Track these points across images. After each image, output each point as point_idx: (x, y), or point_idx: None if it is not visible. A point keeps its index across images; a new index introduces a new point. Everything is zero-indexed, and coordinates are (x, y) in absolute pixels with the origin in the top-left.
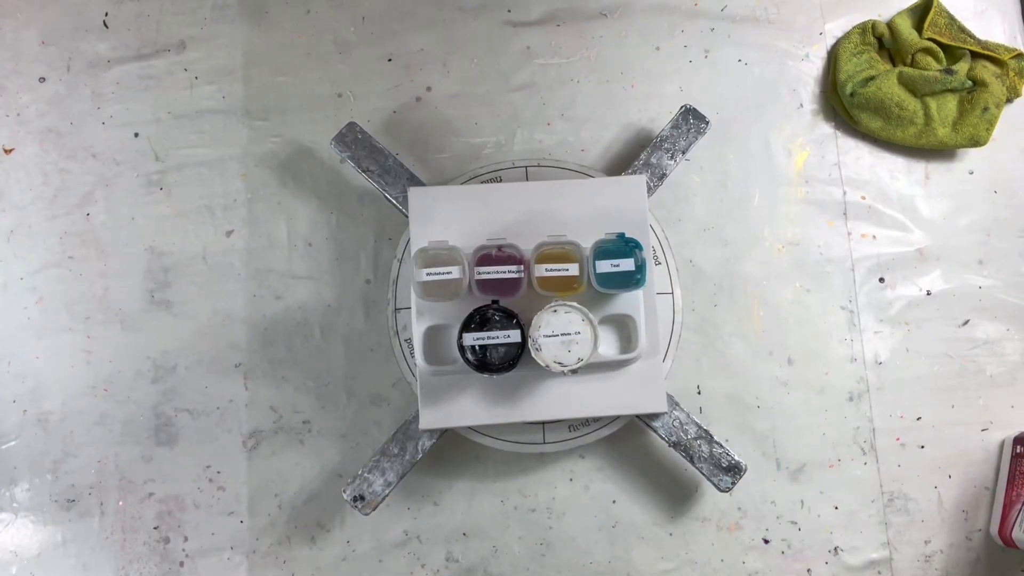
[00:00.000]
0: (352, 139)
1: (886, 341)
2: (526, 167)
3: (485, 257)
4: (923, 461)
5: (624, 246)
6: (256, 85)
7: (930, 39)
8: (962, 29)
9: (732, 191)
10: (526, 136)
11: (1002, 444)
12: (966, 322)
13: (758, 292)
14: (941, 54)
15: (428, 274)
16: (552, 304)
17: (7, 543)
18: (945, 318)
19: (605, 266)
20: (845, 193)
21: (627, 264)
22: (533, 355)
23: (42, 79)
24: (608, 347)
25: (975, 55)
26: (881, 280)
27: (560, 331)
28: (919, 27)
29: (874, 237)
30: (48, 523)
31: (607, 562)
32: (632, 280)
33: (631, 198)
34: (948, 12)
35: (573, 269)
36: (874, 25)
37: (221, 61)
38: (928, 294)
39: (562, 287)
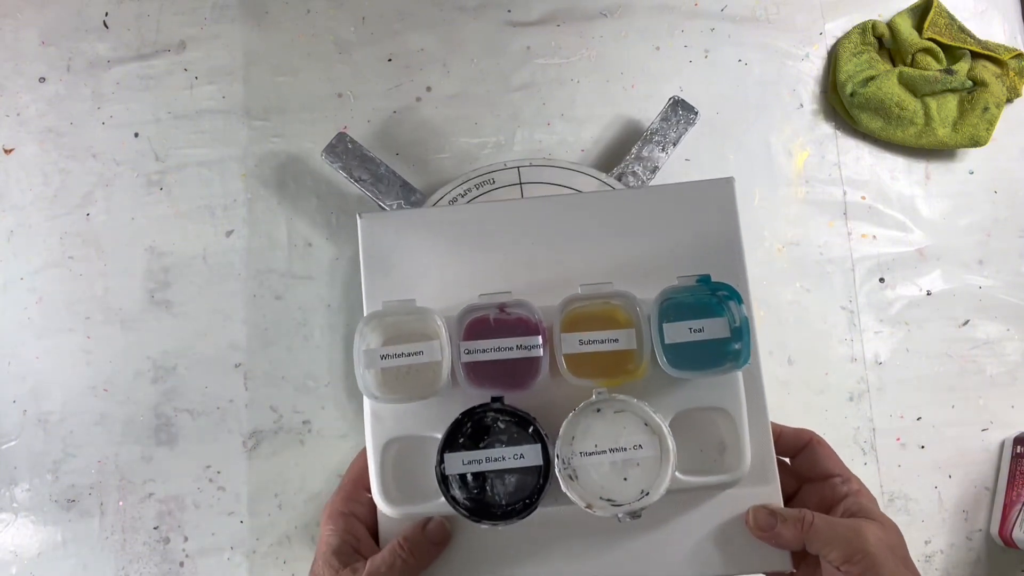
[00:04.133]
0: (343, 149)
1: (886, 341)
2: (518, 167)
3: (478, 323)
4: (923, 461)
5: (709, 297)
6: (256, 85)
7: (930, 39)
8: (962, 29)
9: None
10: (526, 136)
11: (1002, 444)
12: (966, 322)
13: (758, 292)
14: (941, 54)
15: (385, 356)
16: (594, 400)
17: (7, 543)
18: (945, 318)
19: (680, 331)
20: (845, 193)
21: (716, 327)
22: (564, 488)
23: (42, 79)
24: (685, 463)
25: (975, 55)
26: (881, 280)
27: (609, 446)
28: (919, 27)
29: (874, 237)
30: (48, 523)
31: None
32: (726, 354)
33: (712, 214)
34: (948, 12)
35: (625, 339)
36: (874, 25)
37: (221, 61)
38: (928, 294)
39: (609, 370)
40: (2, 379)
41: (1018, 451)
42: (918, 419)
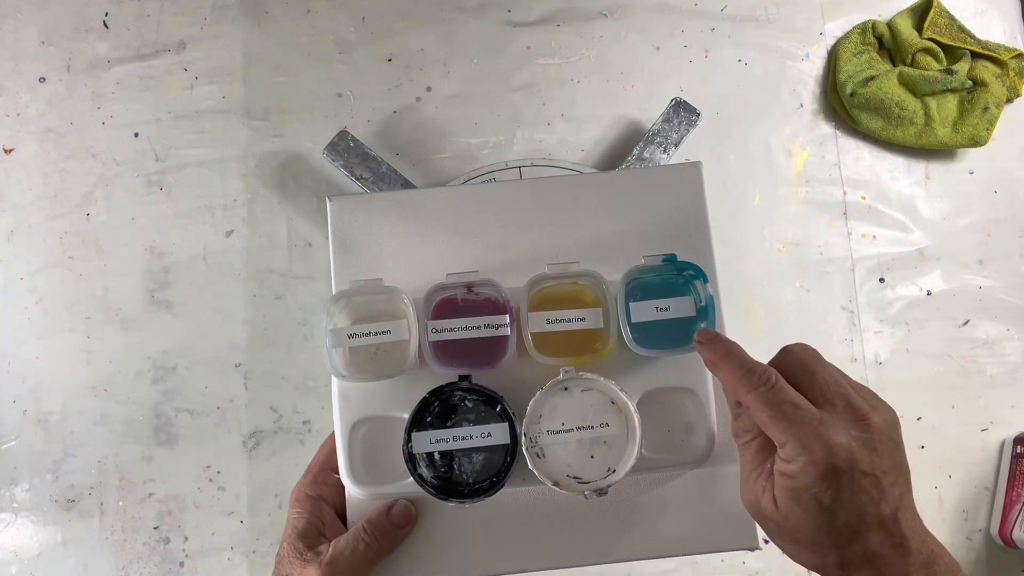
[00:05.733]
0: (344, 147)
1: (886, 341)
2: (520, 167)
3: (446, 303)
4: (923, 461)
5: (675, 276)
6: (256, 85)
7: (930, 39)
8: (962, 29)
9: (732, 191)
10: (526, 136)
11: (1002, 444)
12: (966, 322)
13: (758, 292)
14: (941, 54)
15: (352, 335)
16: (561, 378)
17: (7, 543)
18: (945, 318)
19: (646, 310)
20: (845, 193)
21: (682, 306)
22: (531, 466)
23: (42, 79)
24: (653, 443)
25: (975, 55)
26: (881, 280)
27: (576, 424)
28: (919, 27)
29: (874, 237)
30: (48, 523)
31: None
32: (692, 332)
33: (680, 198)
34: (948, 12)
35: (592, 318)
36: (874, 25)
37: (221, 61)
38: (928, 294)
39: (576, 349)
40: (2, 379)
41: (1018, 451)
42: (918, 419)
